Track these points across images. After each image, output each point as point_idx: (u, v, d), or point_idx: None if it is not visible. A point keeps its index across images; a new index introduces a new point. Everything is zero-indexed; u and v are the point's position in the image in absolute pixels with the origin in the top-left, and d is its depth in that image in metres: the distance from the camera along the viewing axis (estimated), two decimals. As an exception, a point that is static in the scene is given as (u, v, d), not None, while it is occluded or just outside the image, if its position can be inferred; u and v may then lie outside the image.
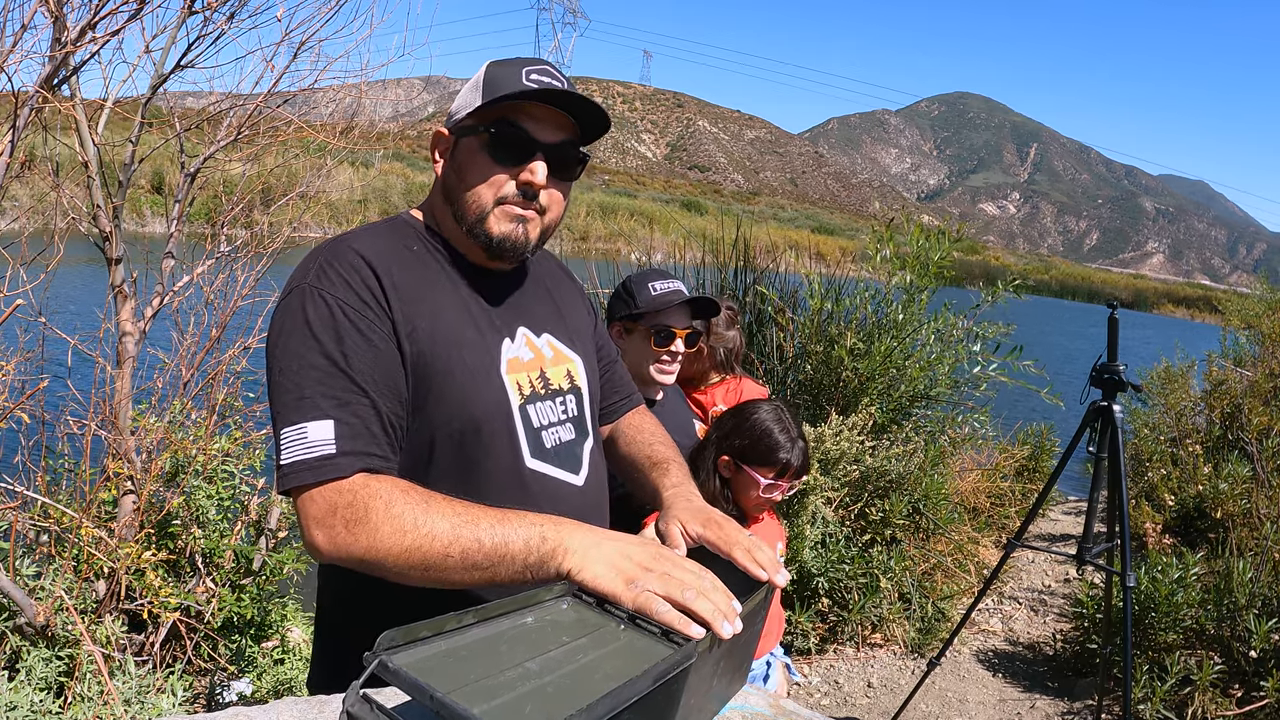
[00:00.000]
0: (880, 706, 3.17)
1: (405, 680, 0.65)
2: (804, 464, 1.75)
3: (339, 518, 0.89)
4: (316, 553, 0.91)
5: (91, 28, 2.11)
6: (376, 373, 0.95)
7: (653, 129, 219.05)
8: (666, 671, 0.70)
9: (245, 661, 2.37)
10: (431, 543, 0.87)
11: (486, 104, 1.02)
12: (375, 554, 0.88)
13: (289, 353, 0.94)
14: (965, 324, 4.08)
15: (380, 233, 1.08)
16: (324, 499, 0.89)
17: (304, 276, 0.99)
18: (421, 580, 0.90)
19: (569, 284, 1.31)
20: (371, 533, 0.87)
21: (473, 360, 1.03)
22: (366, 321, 0.96)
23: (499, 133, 1.02)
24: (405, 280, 1.02)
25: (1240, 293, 11.14)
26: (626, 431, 1.32)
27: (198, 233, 2.86)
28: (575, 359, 1.19)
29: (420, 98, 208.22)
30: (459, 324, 1.04)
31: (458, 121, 1.07)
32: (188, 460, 2.32)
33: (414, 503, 0.89)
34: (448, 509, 0.89)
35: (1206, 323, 33.66)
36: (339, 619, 1.11)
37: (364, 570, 0.90)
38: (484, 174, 1.04)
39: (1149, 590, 3.13)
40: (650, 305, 1.87)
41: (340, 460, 0.90)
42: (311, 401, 0.92)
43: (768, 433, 1.74)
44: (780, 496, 1.77)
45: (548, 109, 1.04)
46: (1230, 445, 5.28)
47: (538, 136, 1.03)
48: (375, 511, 0.88)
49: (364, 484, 0.89)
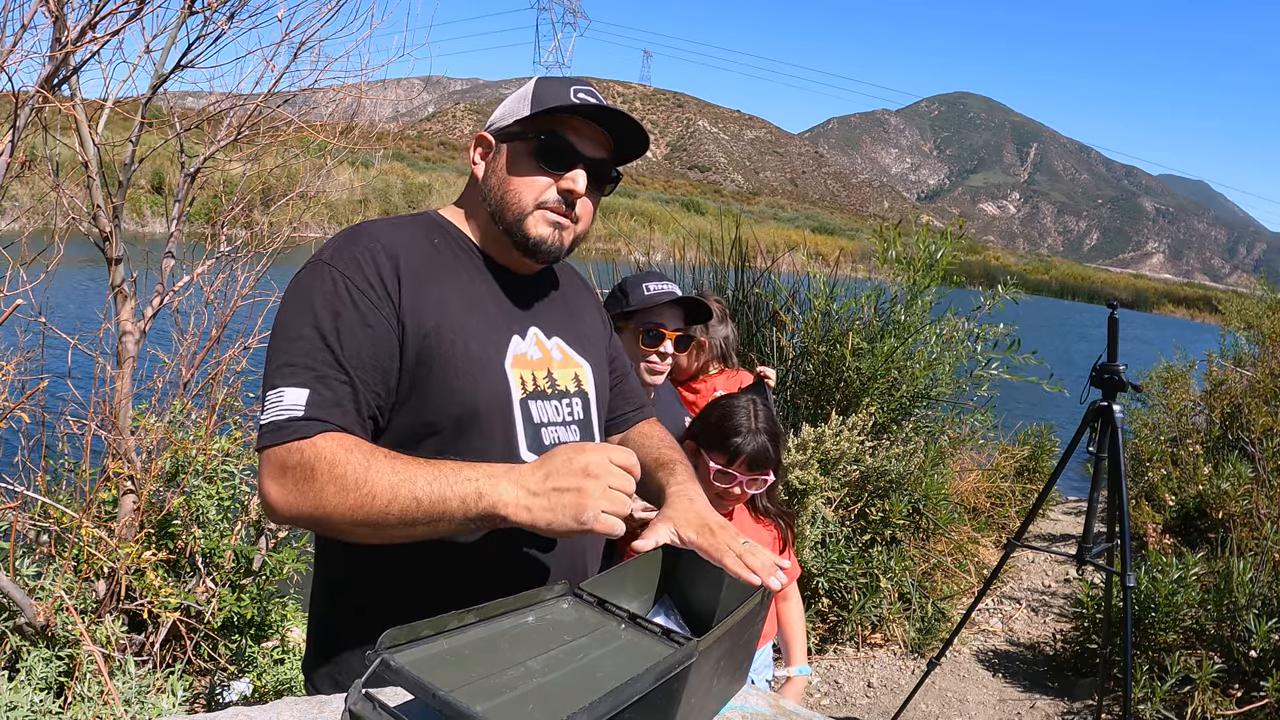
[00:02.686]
0: (880, 706, 3.17)
1: (408, 679, 0.65)
2: (762, 457, 1.68)
3: (289, 477, 0.92)
4: (272, 512, 0.94)
5: (91, 27, 2.11)
6: (364, 354, 0.98)
7: (653, 129, 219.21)
8: (667, 671, 0.70)
9: (245, 661, 2.37)
10: (372, 501, 0.89)
11: (537, 113, 1.07)
12: (322, 512, 0.91)
13: (287, 321, 0.99)
14: (967, 325, 4.08)
15: (403, 224, 1.12)
16: (279, 458, 0.93)
17: (322, 254, 1.03)
18: (371, 538, 0.93)
19: (586, 294, 1.33)
20: (318, 492, 0.90)
21: (477, 349, 1.05)
22: (367, 302, 1.00)
23: (547, 141, 1.08)
24: (419, 267, 1.05)
25: (1240, 293, 11.14)
26: (635, 439, 1.33)
27: (198, 233, 2.86)
28: (584, 364, 1.20)
29: (420, 98, 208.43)
30: (467, 313, 1.07)
31: (503, 128, 1.11)
32: (188, 460, 2.32)
33: (356, 462, 0.91)
34: (387, 467, 0.91)
35: (1206, 323, 33.66)
36: (333, 610, 1.12)
37: (318, 529, 0.95)
38: (528, 178, 1.09)
39: (1149, 590, 3.13)
40: (641, 304, 1.88)
41: (303, 424, 0.93)
42: (293, 369, 0.96)
43: (726, 417, 1.71)
44: (739, 491, 1.71)
45: (591, 126, 1.10)
46: (1230, 445, 5.28)
47: (581, 149, 1.09)
48: (320, 472, 0.91)
49: (312, 445, 0.92)
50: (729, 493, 1.72)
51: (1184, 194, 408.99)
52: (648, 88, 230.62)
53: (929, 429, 4.31)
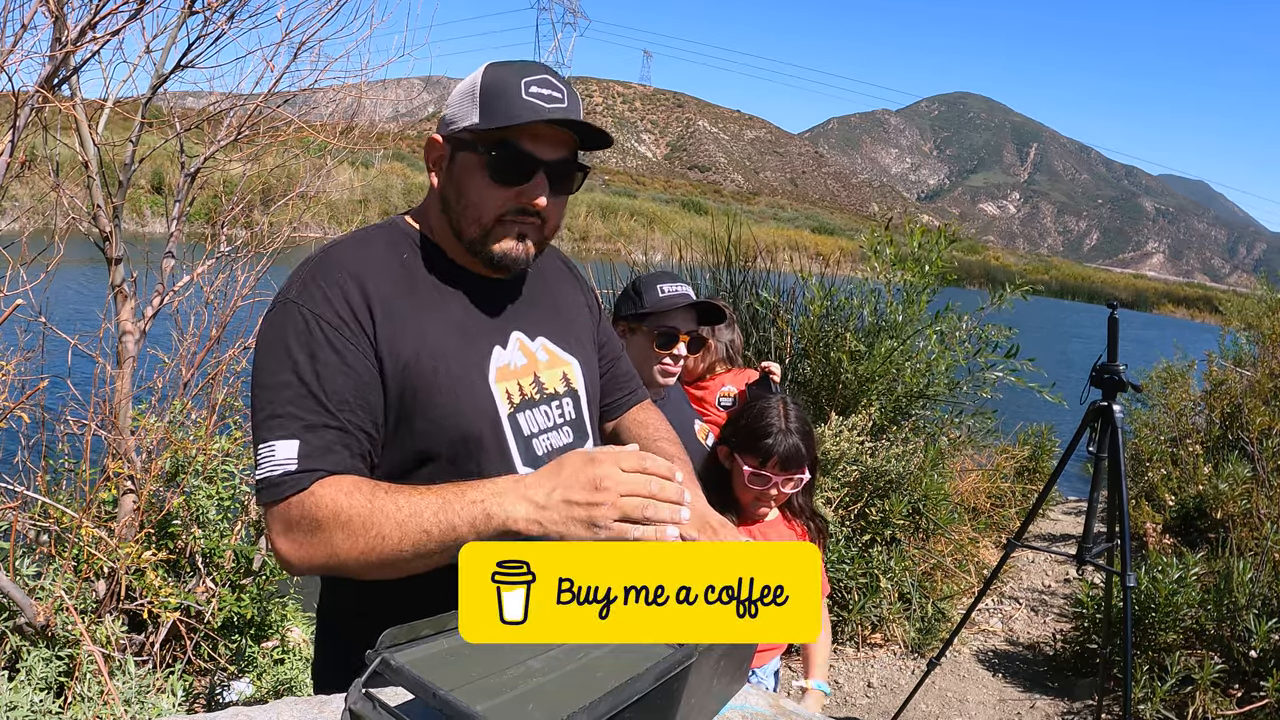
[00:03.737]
0: (880, 706, 3.17)
1: (408, 678, 0.65)
2: (794, 457, 1.67)
3: (297, 531, 0.91)
4: (288, 566, 0.93)
5: (91, 27, 2.11)
6: (348, 393, 0.96)
7: (653, 129, 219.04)
8: (667, 671, 0.70)
9: (245, 661, 2.37)
10: (382, 542, 0.89)
11: (488, 128, 0.99)
12: (336, 560, 0.90)
13: (266, 368, 0.96)
14: (969, 326, 4.08)
15: (371, 241, 1.07)
16: (283, 515, 0.91)
17: (288, 291, 1.00)
18: (389, 574, 0.92)
19: (570, 280, 1.29)
20: (326, 541, 0.90)
21: (458, 371, 1.03)
22: (343, 339, 0.97)
23: (499, 155, 1.00)
24: (391, 294, 1.01)
25: (1240, 293, 11.13)
26: (631, 427, 1.31)
27: (198, 233, 2.86)
28: (571, 360, 1.18)
29: (420, 98, 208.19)
30: (444, 335, 1.03)
31: (454, 132, 1.04)
32: (188, 460, 2.32)
33: (359, 504, 0.90)
34: (391, 504, 0.90)
35: (1206, 323, 33.66)
36: (334, 610, 1.12)
37: (337, 575, 0.93)
38: (483, 193, 1.03)
39: (1149, 590, 3.13)
40: (656, 306, 1.87)
41: (300, 476, 0.91)
42: (280, 421, 0.93)
43: (757, 418, 1.69)
44: (775, 493, 1.70)
45: (548, 125, 1.02)
46: (1230, 445, 5.27)
47: (538, 154, 1.01)
48: (325, 522, 0.90)
49: (311, 495, 0.91)
50: (765, 495, 1.70)
51: (1184, 194, 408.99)
52: (648, 88, 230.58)
53: (929, 430, 4.31)
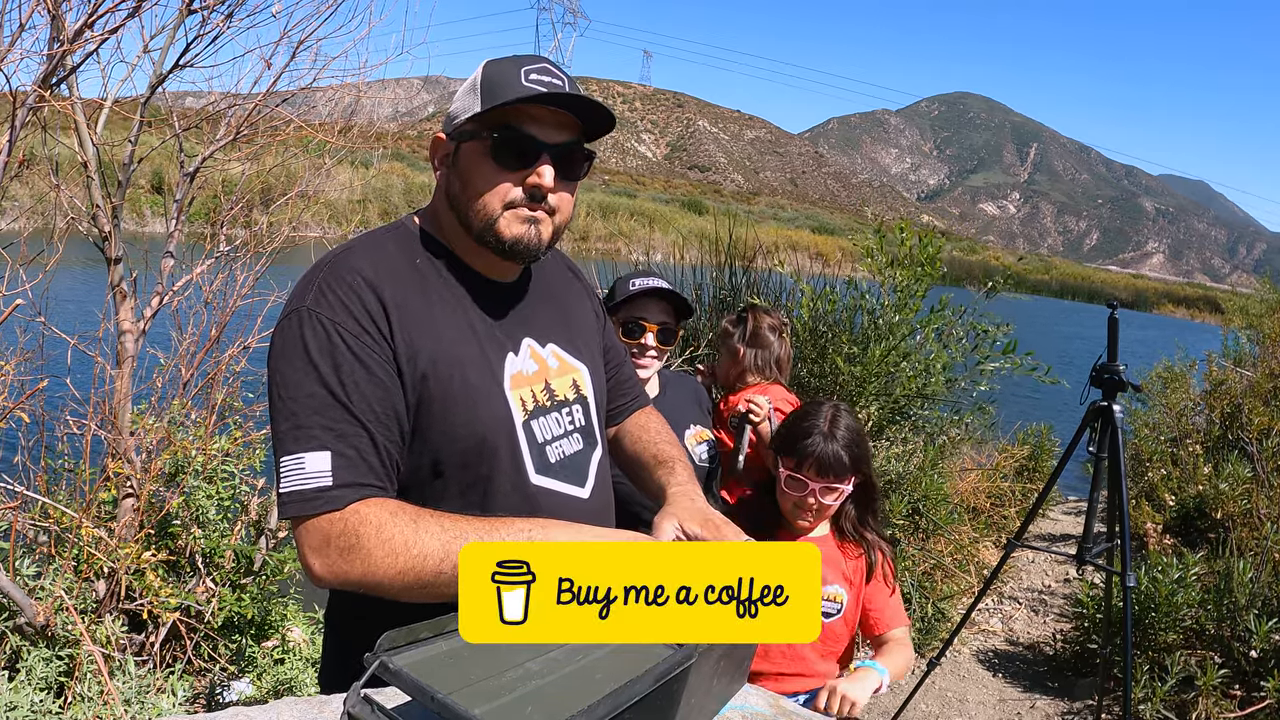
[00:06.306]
0: (880, 706, 3.16)
1: (406, 681, 0.65)
2: (832, 464, 1.58)
3: (333, 546, 0.90)
4: (316, 579, 0.92)
5: (89, 26, 2.11)
6: (374, 401, 0.95)
7: (653, 129, 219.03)
8: (667, 672, 0.70)
9: (245, 661, 2.37)
10: (424, 563, 0.88)
11: (486, 110, 0.99)
12: (372, 579, 0.89)
13: (287, 378, 0.94)
14: (965, 320, 4.07)
15: (382, 245, 1.05)
16: (319, 529, 0.90)
17: (303, 298, 0.97)
18: (422, 597, 0.91)
19: (576, 285, 1.28)
20: (365, 558, 0.89)
21: (475, 379, 1.02)
22: (365, 348, 0.95)
23: (502, 138, 0.99)
24: (406, 300, 1.00)
25: (1240, 293, 11.15)
26: (632, 431, 1.32)
27: (197, 233, 2.85)
28: (581, 367, 1.18)
29: (420, 97, 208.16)
30: (461, 342, 1.03)
31: (457, 126, 1.04)
32: (187, 460, 2.32)
33: (404, 525, 0.90)
34: (436, 527, 0.90)
35: (1206, 323, 33.66)
36: (346, 615, 1.12)
37: (365, 592, 0.92)
38: (489, 181, 1.01)
39: (1149, 590, 3.13)
40: (623, 296, 1.90)
41: (336, 492, 0.91)
42: (308, 431, 0.92)
43: (801, 418, 1.64)
44: (813, 502, 1.60)
45: (550, 109, 1.01)
46: (1230, 445, 5.27)
47: (542, 138, 1.00)
48: (367, 538, 0.89)
49: (354, 512, 0.90)
50: (804, 502, 1.61)
51: (1184, 194, 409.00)
52: (648, 88, 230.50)
53: (928, 430, 4.31)
